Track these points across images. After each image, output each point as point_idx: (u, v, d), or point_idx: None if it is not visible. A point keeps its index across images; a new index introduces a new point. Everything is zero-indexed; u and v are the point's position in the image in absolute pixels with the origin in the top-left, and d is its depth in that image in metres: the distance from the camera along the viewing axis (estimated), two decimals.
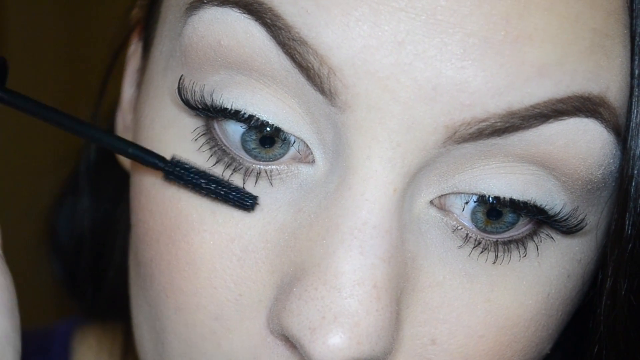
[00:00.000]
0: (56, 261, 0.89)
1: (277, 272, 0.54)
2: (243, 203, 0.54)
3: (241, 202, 0.54)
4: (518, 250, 0.54)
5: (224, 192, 0.54)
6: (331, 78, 0.50)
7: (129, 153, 0.56)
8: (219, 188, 0.54)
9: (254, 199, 0.54)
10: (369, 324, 0.50)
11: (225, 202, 0.54)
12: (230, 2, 0.52)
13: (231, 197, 0.54)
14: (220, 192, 0.54)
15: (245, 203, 0.54)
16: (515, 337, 0.55)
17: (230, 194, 0.54)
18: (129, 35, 0.72)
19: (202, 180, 0.54)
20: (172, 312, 0.57)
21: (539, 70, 0.49)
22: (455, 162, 0.52)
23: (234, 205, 0.54)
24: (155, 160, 0.55)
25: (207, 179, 0.55)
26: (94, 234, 0.83)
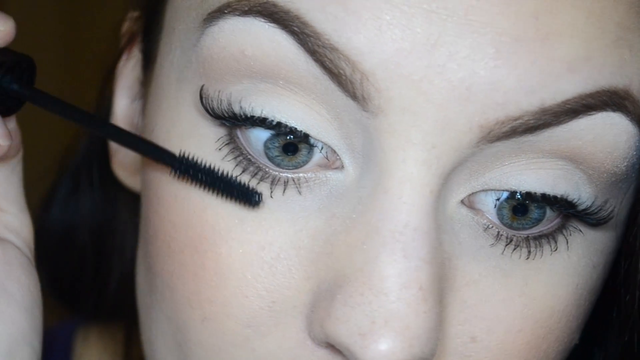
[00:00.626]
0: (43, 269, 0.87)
1: (312, 279, 0.54)
2: (250, 199, 0.54)
3: (248, 199, 0.54)
4: (549, 245, 0.55)
5: (230, 188, 0.54)
6: (364, 83, 0.50)
7: (140, 148, 0.56)
8: (225, 185, 0.55)
9: (258, 195, 0.54)
10: (418, 326, 0.50)
11: (230, 198, 0.55)
12: (254, 12, 0.52)
13: (236, 193, 0.54)
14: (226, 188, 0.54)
15: (253, 199, 0.54)
16: (550, 329, 0.56)
17: (237, 190, 0.54)
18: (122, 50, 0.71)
19: (208, 177, 0.55)
20: (198, 322, 0.56)
21: (569, 66, 0.50)
22: (486, 160, 0.52)
23: (240, 201, 0.54)
24: (165, 157, 0.56)
25: (214, 175, 0.55)
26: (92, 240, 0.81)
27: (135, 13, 0.71)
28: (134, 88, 0.69)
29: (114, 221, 0.79)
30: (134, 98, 0.69)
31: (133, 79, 0.70)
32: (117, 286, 0.78)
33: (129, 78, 0.70)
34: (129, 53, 0.71)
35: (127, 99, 0.70)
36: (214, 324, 0.56)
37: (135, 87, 0.69)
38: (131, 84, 0.70)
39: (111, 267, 0.79)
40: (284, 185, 0.54)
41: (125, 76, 0.70)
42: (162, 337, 0.60)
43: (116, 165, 0.72)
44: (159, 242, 0.58)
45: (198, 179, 0.55)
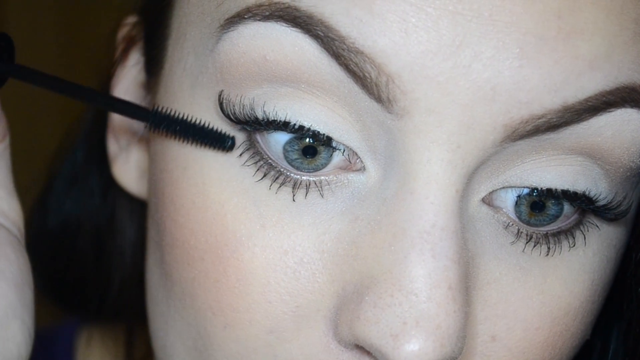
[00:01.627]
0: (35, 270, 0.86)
1: (337, 281, 0.54)
2: (223, 144, 0.55)
3: (221, 143, 0.55)
4: (567, 241, 0.56)
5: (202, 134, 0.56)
6: (389, 86, 0.50)
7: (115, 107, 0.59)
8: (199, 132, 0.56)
9: (232, 139, 0.55)
10: (449, 325, 0.50)
11: (205, 144, 0.56)
12: (275, 17, 0.52)
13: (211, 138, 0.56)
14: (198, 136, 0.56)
15: (224, 143, 0.55)
16: (567, 325, 0.57)
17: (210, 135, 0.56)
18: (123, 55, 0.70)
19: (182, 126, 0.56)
20: (219, 329, 0.56)
21: (590, 63, 0.50)
22: (507, 158, 0.53)
23: (215, 146, 0.56)
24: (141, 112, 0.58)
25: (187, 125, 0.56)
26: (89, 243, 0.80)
27: (134, 18, 0.70)
28: (132, 92, 0.69)
29: (113, 222, 0.78)
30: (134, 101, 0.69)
31: (131, 83, 0.69)
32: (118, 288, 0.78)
33: (127, 82, 0.69)
34: (126, 58, 0.70)
35: None
36: (236, 331, 0.56)
37: (133, 91, 0.68)
38: (129, 87, 0.69)
39: (111, 268, 0.78)
40: (306, 188, 0.54)
41: (123, 80, 0.70)
42: (181, 344, 0.60)
43: (117, 170, 0.71)
44: (177, 250, 0.58)
45: (172, 130, 0.57)
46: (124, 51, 0.70)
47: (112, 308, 0.79)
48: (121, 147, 0.71)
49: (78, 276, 0.81)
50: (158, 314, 0.63)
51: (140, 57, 0.68)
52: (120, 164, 0.71)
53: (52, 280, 0.83)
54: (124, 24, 0.71)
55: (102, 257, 0.79)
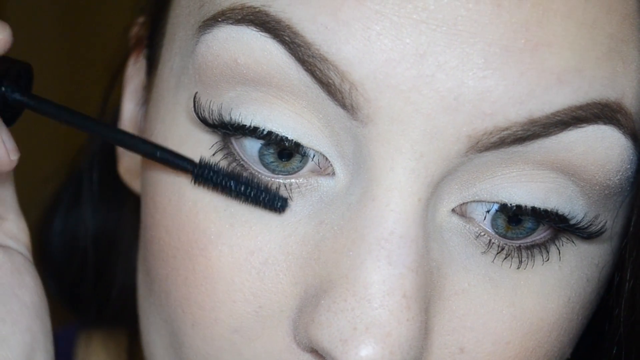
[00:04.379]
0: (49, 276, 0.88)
1: (300, 284, 0.54)
2: (274, 204, 0.54)
3: (272, 204, 0.54)
4: (541, 255, 0.55)
5: (254, 193, 0.54)
6: (353, 93, 0.50)
7: (157, 156, 0.56)
8: (249, 190, 0.54)
9: (284, 201, 0.54)
10: (400, 333, 0.50)
11: (256, 204, 0.54)
12: (246, 21, 0.52)
13: (262, 198, 0.54)
14: (250, 193, 0.54)
15: (276, 204, 0.54)
16: (539, 342, 0.56)
17: (261, 196, 0.54)
18: (129, 54, 0.72)
19: (231, 182, 0.54)
20: (189, 327, 0.57)
21: (559, 77, 0.50)
22: (477, 170, 0.52)
23: (265, 207, 0.54)
24: (185, 163, 0.55)
25: (237, 181, 0.54)
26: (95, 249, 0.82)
27: (143, 18, 0.72)
28: (139, 92, 0.70)
29: (118, 228, 0.80)
30: (139, 103, 0.70)
31: (138, 84, 0.70)
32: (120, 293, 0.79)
33: (136, 83, 0.71)
34: (136, 57, 0.72)
35: (133, 103, 0.71)
36: (203, 329, 0.56)
37: (139, 92, 0.70)
38: (137, 88, 0.70)
39: (115, 274, 0.79)
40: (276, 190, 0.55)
41: (133, 80, 0.71)
42: (159, 341, 0.61)
43: (122, 168, 0.73)
44: (154, 246, 0.59)
45: (221, 186, 0.55)
46: (132, 50, 0.72)
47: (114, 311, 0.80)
48: None
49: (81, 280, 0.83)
50: (143, 312, 0.64)
51: (143, 58, 0.69)
52: (126, 162, 0.72)
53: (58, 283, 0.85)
54: (135, 23, 0.73)
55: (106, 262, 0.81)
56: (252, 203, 0.54)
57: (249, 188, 0.54)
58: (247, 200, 0.54)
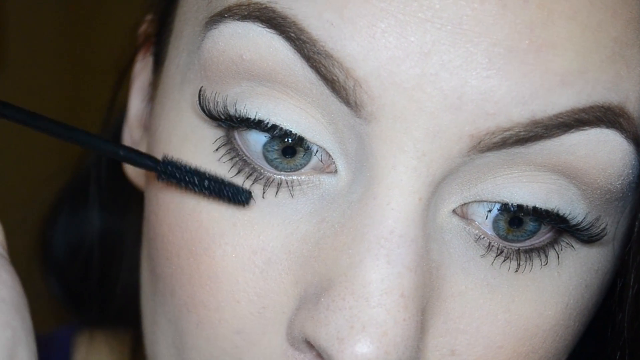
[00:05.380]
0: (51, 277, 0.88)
1: (300, 283, 0.54)
2: (238, 198, 0.54)
3: (236, 197, 0.54)
4: (540, 259, 0.55)
5: (218, 188, 0.54)
6: (357, 90, 0.50)
7: (120, 155, 0.56)
8: (213, 184, 0.54)
9: (248, 194, 0.54)
10: (396, 333, 0.50)
11: (220, 198, 0.54)
12: (252, 17, 0.52)
13: (225, 192, 0.54)
14: (214, 188, 0.54)
15: (240, 198, 0.54)
16: (534, 347, 0.56)
17: (224, 190, 0.54)
18: (137, 51, 0.72)
19: (195, 177, 0.55)
20: (193, 327, 0.57)
21: (562, 79, 0.50)
22: (478, 170, 0.52)
23: (229, 200, 0.54)
24: (147, 161, 0.56)
25: (201, 177, 0.55)
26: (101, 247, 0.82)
27: (151, 16, 0.72)
28: (145, 89, 0.70)
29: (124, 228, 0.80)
30: (145, 99, 0.70)
31: (145, 81, 0.71)
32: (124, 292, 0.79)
33: (143, 80, 0.71)
34: (144, 55, 0.72)
35: (140, 100, 0.71)
36: (207, 329, 0.56)
37: (146, 88, 0.70)
38: (144, 85, 0.71)
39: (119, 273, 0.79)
40: (277, 187, 0.55)
41: (140, 77, 0.72)
42: (163, 340, 0.61)
43: (128, 167, 0.73)
44: (157, 244, 0.59)
45: (185, 182, 0.55)
46: (140, 48, 0.72)
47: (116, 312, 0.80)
48: (134, 141, 0.73)
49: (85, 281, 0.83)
50: (147, 311, 0.64)
51: (150, 55, 0.69)
52: None
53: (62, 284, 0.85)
54: (144, 20, 0.73)
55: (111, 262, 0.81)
56: (216, 197, 0.55)
57: (213, 182, 0.54)
58: (211, 194, 0.55)
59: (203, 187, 0.55)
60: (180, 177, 0.55)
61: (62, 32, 1.77)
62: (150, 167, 0.55)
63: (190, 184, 0.55)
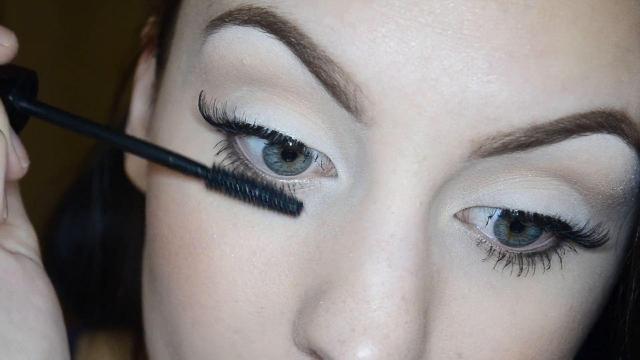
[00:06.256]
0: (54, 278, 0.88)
1: (300, 285, 0.54)
2: (288, 208, 0.54)
3: (287, 207, 0.54)
4: (542, 263, 0.55)
5: (269, 197, 0.54)
6: (357, 95, 0.50)
7: (169, 162, 0.55)
8: (263, 194, 0.54)
9: (299, 204, 0.54)
10: (398, 336, 0.50)
11: (270, 207, 0.54)
12: (253, 22, 0.53)
13: (276, 202, 0.54)
14: (265, 198, 0.54)
15: (291, 208, 0.54)
16: (539, 350, 0.56)
17: (275, 199, 0.54)
18: (140, 53, 0.73)
19: (245, 186, 0.54)
20: (189, 325, 0.57)
21: (563, 84, 0.50)
22: (479, 175, 0.52)
23: (280, 210, 0.54)
24: (197, 169, 0.55)
25: (251, 186, 0.54)
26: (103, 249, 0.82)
27: (154, 18, 0.72)
28: (148, 92, 0.70)
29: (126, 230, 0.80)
30: (147, 101, 0.71)
31: (148, 83, 0.71)
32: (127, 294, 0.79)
33: (146, 82, 0.71)
34: (147, 57, 0.72)
35: (143, 102, 0.71)
36: (203, 328, 0.56)
37: (149, 92, 0.70)
38: (147, 87, 0.71)
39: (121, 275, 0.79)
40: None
41: (143, 80, 0.72)
42: (161, 339, 0.61)
43: (129, 168, 0.73)
44: (157, 244, 0.59)
45: (235, 190, 0.55)
46: (143, 50, 0.72)
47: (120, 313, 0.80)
48: None
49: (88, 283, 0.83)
50: (146, 309, 0.64)
51: (153, 57, 0.70)
52: (132, 161, 0.73)
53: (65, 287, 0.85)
54: (147, 22, 0.73)
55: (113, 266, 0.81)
56: (267, 207, 0.54)
57: (264, 192, 0.54)
58: (261, 204, 0.54)
59: (254, 197, 0.54)
60: (231, 185, 0.54)
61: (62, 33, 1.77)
62: (201, 175, 0.55)
63: (241, 192, 0.54)
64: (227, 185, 0.55)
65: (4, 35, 0.55)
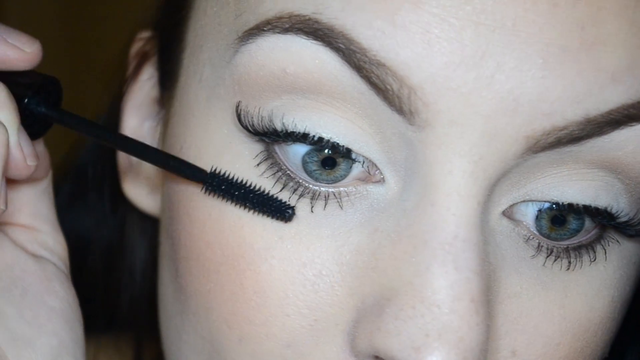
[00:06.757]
0: None
1: (356, 294, 0.53)
2: (282, 213, 0.54)
3: (280, 212, 0.54)
4: (588, 255, 0.55)
5: (262, 202, 0.54)
6: (412, 98, 0.50)
7: (170, 165, 0.56)
8: (257, 198, 0.54)
9: (292, 209, 0.54)
10: (471, 338, 0.50)
11: (264, 212, 0.54)
12: (295, 29, 0.51)
13: (270, 207, 0.54)
14: (259, 202, 0.54)
15: (284, 213, 0.54)
16: (587, 342, 0.56)
17: (269, 204, 0.54)
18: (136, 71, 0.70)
19: (241, 191, 0.54)
20: (234, 342, 0.55)
21: (613, 76, 0.50)
22: (528, 171, 0.52)
23: (273, 215, 0.54)
24: (196, 173, 0.56)
25: (246, 191, 0.54)
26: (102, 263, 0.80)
27: (147, 33, 0.70)
28: (145, 107, 0.68)
29: (123, 240, 0.78)
30: (144, 118, 0.68)
31: (145, 98, 0.68)
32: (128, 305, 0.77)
33: (139, 98, 0.69)
34: (139, 73, 0.70)
35: (137, 118, 0.69)
36: (252, 345, 0.55)
37: (147, 106, 0.68)
38: (142, 103, 0.69)
39: (121, 286, 0.77)
40: (325, 200, 0.54)
41: (136, 96, 0.69)
42: (195, 358, 0.59)
43: (128, 186, 0.71)
44: (192, 262, 0.57)
45: (230, 195, 0.55)
46: (137, 67, 0.70)
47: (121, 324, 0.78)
48: (132, 162, 0.70)
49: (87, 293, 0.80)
50: (172, 329, 0.62)
51: (154, 72, 0.67)
52: (131, 180, 0.71)
53: None
54: (137, 39, 0.71)
55: (112, 274, 0.78)
56: (260, 212, 0.54)
57: (257, 196, 0.54)
58: (255, 208, 0.54)
59: (247, 201, 0.54)
60: (226, 190, 0.54)
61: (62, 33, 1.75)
62: (199, 178, 0.55)
63: (236, 197, 0.54)
64: (223, 189, 0.55)
65: (28, 42, 0.56)
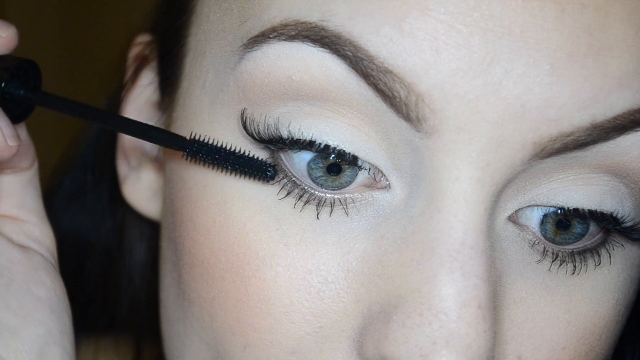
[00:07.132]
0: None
1: (362, 301, 0.53)
2: (263, 173, 0.54)
3: (261, 172, 0.54)
4: (593, 259, 0.55)
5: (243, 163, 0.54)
6: (419, 105, 0.50)
7: (150, 135, 0.57)
8: (238, 160, 0.54)
9: (272, 167, 0.54)
10: (479, 345, 0.50)
11: (245, 174, 0.54)
12: (301, 37, 0.51)
13: (250, 168, 0.54)
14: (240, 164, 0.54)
15: (265, 173, 0.54)
16: (592, 345, 0.56)
17: (250, 165, 0.54)
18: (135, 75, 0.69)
19: (221, 152, 0.55)
20: (239, 349, 0.55)
21: (619, 81, 0.50)
22: (534, 176, 0.52)
23: (255, 176, 0.54)
24: (176, 140, 0.56)
25: (226, 154, 0.55)
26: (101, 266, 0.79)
27: (146, 37, 0.69)
28: (145, 112, 0.68)
29: (122, 243, 0.77)
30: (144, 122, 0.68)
31: (144, 103, 0.68)
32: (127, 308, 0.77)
33: (139, 102, 0.68)
34: (138, 77, 0.69)
35: None
36: (257, 351, 0.55)
37: (147, 110, 0.68)
38: (142, 107, 0.68)
39: (120, 289, 0.77)
40: (331, 206, 0.53)
41: (135, 100, 0.69)
42: None
43: (127, 191, 0.70)
44: (196, 269, 0.57)
45: (211, 159, 0.55)
46: (136, 71, 0.69)
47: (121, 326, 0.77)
48: (131, 167, 0.70)
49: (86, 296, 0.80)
50: (174, 335, 0.62)
51: (155, 77, 0.67)
52: (131, 184, 0.70)
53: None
54: (136, 43, 0.70)
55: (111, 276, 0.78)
56: (242, 173, 0.55)
57: (238, 158, 0.54)
58: (236, 170, 0.55)
59: (228, 163, 0.54)
60: (207, 154, 0.55)
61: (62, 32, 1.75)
62: (179, 146, 0.56)
63: (217, 161, 0.55)
64: (203, 154, 0.55)
65: (2, 27, 0.56)
